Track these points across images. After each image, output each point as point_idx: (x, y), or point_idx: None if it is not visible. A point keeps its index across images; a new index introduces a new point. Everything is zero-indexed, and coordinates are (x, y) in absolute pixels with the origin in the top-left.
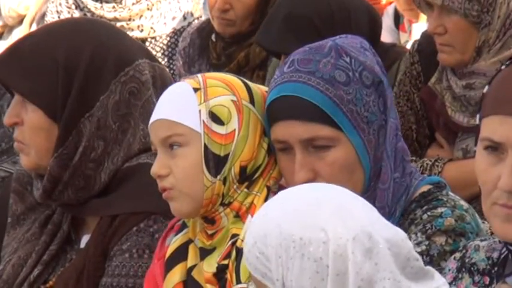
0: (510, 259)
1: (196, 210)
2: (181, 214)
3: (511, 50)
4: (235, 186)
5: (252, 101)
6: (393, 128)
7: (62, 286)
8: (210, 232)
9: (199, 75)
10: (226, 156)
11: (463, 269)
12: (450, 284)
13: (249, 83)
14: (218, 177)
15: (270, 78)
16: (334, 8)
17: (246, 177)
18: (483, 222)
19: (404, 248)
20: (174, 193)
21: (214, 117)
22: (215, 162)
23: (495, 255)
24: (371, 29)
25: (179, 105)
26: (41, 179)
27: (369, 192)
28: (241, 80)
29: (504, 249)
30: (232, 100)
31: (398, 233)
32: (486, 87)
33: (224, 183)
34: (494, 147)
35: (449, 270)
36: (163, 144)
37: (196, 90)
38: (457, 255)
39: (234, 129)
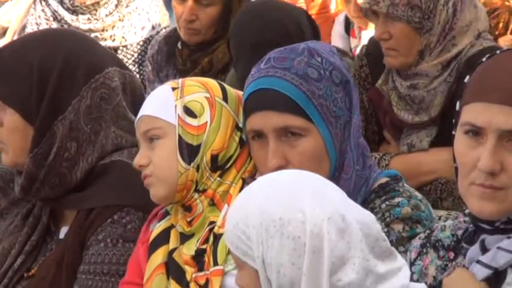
0: (475, 235)
1: (171, 195)
2: (158, 199)
3: (450, 53)
4: (207, 174)
5: (225, 98)
6: (357, 125)
7: (44, 274)
8: (188, 219)
9: (183, 79)
10: (199, 145)
11: (428, 245)
12: (415, 259)
13: (225, 85)
14: (192, 164)
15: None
16: (289, 26)
17: (218, 166)
18: None
19: (374, 229)
20: (152, 180)
21: (188, 111)
22: (188, 151)
23: (459, 232)
24: (316, 37)
25: (158, 102)
26: (21, 175)
27: (333, 181)
28: (218, 82)
29: (471, 225)
30: (205, 96)
31: (369, 215)
32: (467, 78)
33: (197, 170)
34: (475, 132)
35: (414, 247)
36: (144, 137)
37: (174, 89)
38: (422, 235)
39: (206, 122)
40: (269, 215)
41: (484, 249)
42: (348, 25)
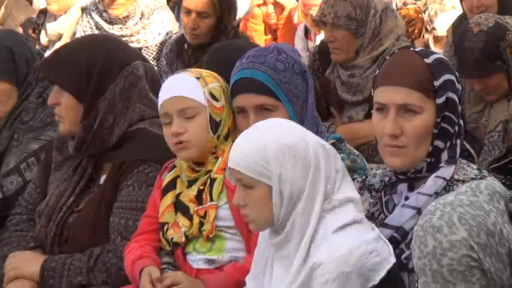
0: (397, 183)
1: (198, 156)
2: (189, 158)
3: (378, 51)
4: (221, 140)
5: (226, 87)
6: (311, 103)
7: (88, 209)
8: (197, 169)
9: (192, 69)
10: (220, 121)
11: (364, 188)
12: None
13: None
14: (215, 135)
15: None
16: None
17: (227, 135)
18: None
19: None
20: (188, 144)
21: (212, 96)
22: (215, 125)
23: (386, 179)
24: None
25: (189, 87)
26: (73, 139)
27: None
28: (217, 75)
29: (393, 176)
30: (218, 85)
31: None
32: (377, 71)
33: (218, 139)
34: (382, 108)
35: None
36: (179, 113)
37: (197, 78)
38: (359, 179)
39: (223, 104)
40: (284, 144)
41: (406, 197)
42: (306, 31)
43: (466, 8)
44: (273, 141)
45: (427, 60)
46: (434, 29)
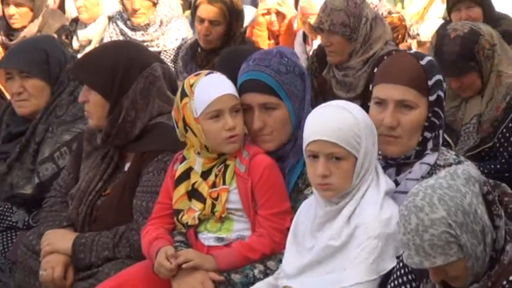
0: (386, 168)
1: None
2: (235, 151)
3: (369, 54)
4: None
5: None
6: (308, 101)
7: (114, 193)
8: (216, 158)
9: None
10: None
11: None
12: None
13: None
14: None
15: None
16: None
17: None
18: None
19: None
20: (238, 138)
21: None
22: None
23: None
24: None
25: (233, 86)
26: (100, 132)
27: (294, 136)
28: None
29: (384, 162)
30: None
31: None
32: (375, 69)
33: None
34: (380, 102)
35: None
36: (232, 109)
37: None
38: None
39: None
40: (368, 122)
41: (396, 183)
42: (305, 37)
43: (455, 21)
44: (362, 118)
45: (421, 62)
46: (418, 34)
